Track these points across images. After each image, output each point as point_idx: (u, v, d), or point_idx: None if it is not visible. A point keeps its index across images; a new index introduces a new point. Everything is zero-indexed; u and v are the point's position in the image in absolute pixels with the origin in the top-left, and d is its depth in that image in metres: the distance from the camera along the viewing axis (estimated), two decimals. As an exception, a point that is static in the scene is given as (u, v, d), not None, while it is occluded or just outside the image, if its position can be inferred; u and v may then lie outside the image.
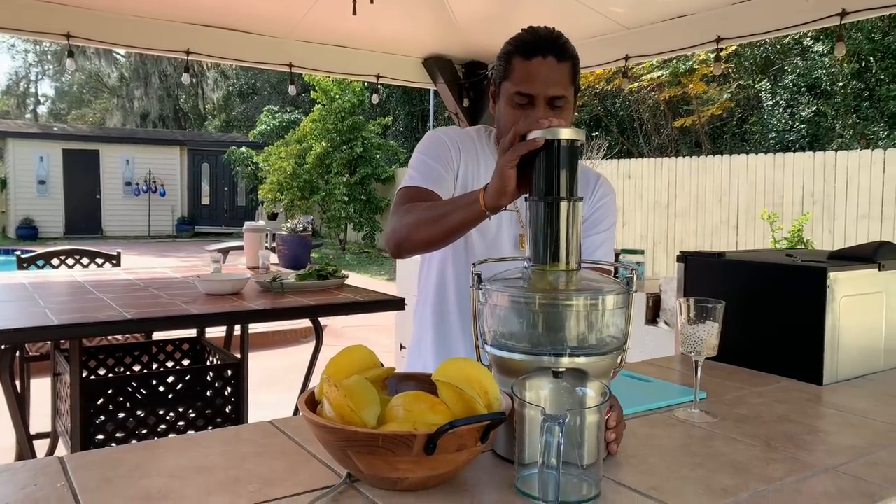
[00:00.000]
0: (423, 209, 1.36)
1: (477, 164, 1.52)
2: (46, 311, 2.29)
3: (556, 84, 1.39)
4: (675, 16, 3.35)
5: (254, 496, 0.85)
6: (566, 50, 1.40)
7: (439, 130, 1.57)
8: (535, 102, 1.39)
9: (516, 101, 1.40)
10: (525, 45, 1.40)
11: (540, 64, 1.38)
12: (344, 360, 0.98)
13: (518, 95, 1.40)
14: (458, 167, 1.51)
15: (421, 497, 0.85)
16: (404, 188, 1.48)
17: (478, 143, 1.55)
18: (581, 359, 0.93)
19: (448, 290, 1.57)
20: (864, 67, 10.87)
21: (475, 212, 1.18)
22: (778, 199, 7.59)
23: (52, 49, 30.04)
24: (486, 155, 1.54)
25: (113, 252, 4.07)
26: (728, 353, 1.49)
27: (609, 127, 14.09)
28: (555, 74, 1.38)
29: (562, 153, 1.00)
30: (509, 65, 1.42)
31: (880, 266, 1.50)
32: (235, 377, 2.88)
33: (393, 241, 1.40)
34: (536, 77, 1.38)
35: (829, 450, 1.06)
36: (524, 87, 1.39)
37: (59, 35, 3.39)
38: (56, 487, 0.87)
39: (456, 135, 1.55)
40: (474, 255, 1.52)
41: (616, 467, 0.97)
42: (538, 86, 1.38)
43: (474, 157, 1.53)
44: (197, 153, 21.01)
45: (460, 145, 1.52)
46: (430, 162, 1.49)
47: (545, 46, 1.38)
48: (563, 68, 1.39)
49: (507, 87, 1.42)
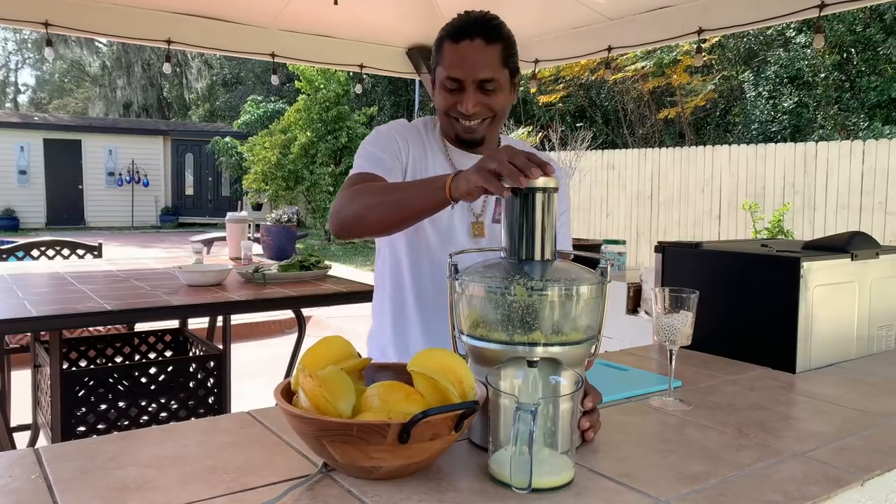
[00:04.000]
0: (381, 189, 1.33)
1: (424, 156, 1.51)
2: (25, 302, 2.27)
3: (485, 67, 1.38)
4: (657, 7, 3.37)
5: (230, 486, 0.86)
6: (496, 32, 1.39)
7: (386, 125, 1.56)
8: (465, 86, 1.39)
9: (447, 87, 1.40)
10: (455, 29, 1.39)
11: (468, 47, 1.37)
12: (321, 350, 0.99)
13: (448, 80, 1.40)
14: (406, 160, 1.50)
15: (396, 485, 0.86)
16: (354, 174, 1.46)
17: (424, 136, 1.54)
18: (555, 348, 0.94)
19: (404, 280, 1.55)
20: (845, 59, 10.97)
21: (439, 199, 1.16)
22: (760, 190, 7.66)
23: (31, 37, 29.61)
24: (433, 146, 1.54)
25: (94, 243, 4.04)
26: (704, 342, 1.51)
27: (593, 118, 14.12)
28: (483, 57, 1.37)
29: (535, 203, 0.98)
30: (440, 50, 1.41)
31: (853, 256, 1.53)
32: (218, 368, 2.87)
33: (342, 221, 1.35)
34: (464, 61, 1.37)
35: (798, 436, 1.08)
36: (452, 71, 1.38)
37: (37, 23, 3.35)
38: (31, 479, 0.87)
39: (403, 128, 1.54)
40: (427, 244, 1.51)
41: (590, 454, 0.98)
42: (466, 69, 1.38)
43: (421, 150, 1.52)
44: (181, 143, 20.83)
45: (408, 139, 1.51)
46: (378, 153, 1.48)
47: (474, 29, 1.37)
48: (493, 51, 1.38)
49: (439, 72, 1.43)
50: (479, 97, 1.40)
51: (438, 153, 1.53)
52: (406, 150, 1.50)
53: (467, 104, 1.40)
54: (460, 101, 1.41)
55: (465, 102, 1.40)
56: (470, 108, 1.40)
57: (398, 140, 1.50)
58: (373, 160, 1.46)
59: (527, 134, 8.70)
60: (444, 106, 1.44)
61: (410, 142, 1.51)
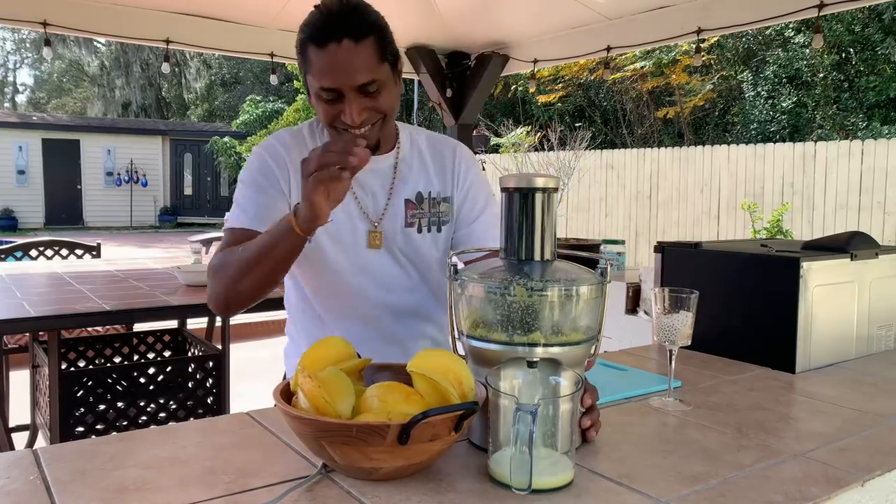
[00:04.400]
0: (236, 258, 1.24)
1: None
2: (24, 302, 2.27)
3: (361, 69, 1.21)
4: (657, 7, 3.37)
5: (229, 487, 0.85)
6: (364, 25, 1.23)
7: (262, 147, 1.40)
8: (344, 94, 1.23)
9: (324, 98, 1.25)
10: (316, 30, 1.22)
11: (336, 51, 1.20)
12: (320, 351, 0.99)
13: (323, 91, 1.24)
14: (289, 185, 1.36)
15: (396, 486, 0.86)
16: (228, 230, 1.35)
17: (310, 143, 1.40)
18: (555, 349, 0.94)
19: (313, 305, 1.46)
20: (843, 59, 10.98)
21: (294, 241, 1.12)
22: (759, 190, 7.66)
23: (30, 37, 29.58)
24: None
25: (93, 243, 4.03)
26: (704, 342, 1.51)
27: (592, 117, 14.13)
28: (356, 59, 1.21)
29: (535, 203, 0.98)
30: (305, 56, 1.24)
31: (852, 256, 1.53)
32: (217, 368, 2.87)
33: (217, 305, 1.28)
34: (335, 68, 1.21)
35: (798, 436, 1.07)
36: (325, 80, 1.22)
37: (35, 23, 3.35)
38: (28, 480, 0.86)
39: (281, 146, 1.39)
40: (326, 262, 1.40)
41: (590, 455, 0.98)
42: (340, 77, 1.21)
43: None
44: (179, 143, 20.83)
45: (287, 157, 1.37)
46: (252, 195, 1.35)
47: (339, 28, 1.20)
48: (366, 48, 1.22)
49: (310, 81, 1.26)
50: (363, 102, 1.25)
51: None
52: (286, 172, 1.36)
53: (352, 114, 1.24)
54: (343, 112, 1.24)
55: (348, 113, 1.24)
56: (355, 117, 1.24)
57: (275, 166, 1.36)
58: (248, 206, 1.35)
59: (525, 134, 8.70)
60: (327, 118, 1.28)
61: (290, 161, 1.36)
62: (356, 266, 1.42)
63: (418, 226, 1.44)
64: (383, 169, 1.42)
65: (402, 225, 1.43)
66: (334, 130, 1.29)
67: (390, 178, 1.43)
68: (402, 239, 1.43)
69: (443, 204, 1.48)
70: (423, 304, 1.50)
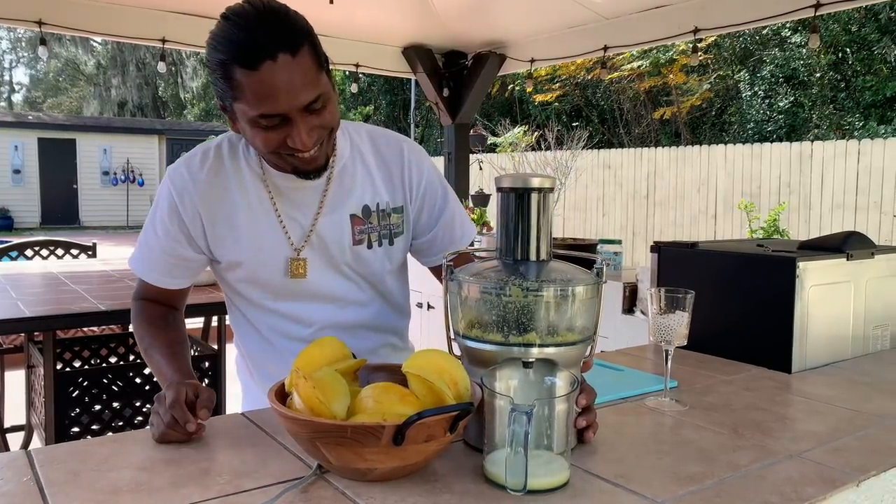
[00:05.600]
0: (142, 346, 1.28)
1: (230, 204, 1.25)
2: (19, 302, 2.26)
3: (306, 86, 1.06)
4: (654, 6, 3.37)
5: (223, 488, 0.85)
6: (295, 32, 1.06)
7: (170, 179, 1.25)
8: (290, 118, 1.08)
9: (263, 125, 1.08)
10: (242, 49, 1.03)
11: (273, 71, 1.03)
12: (315, 351, 0.99)
13: (264, 118, 1.07)
14: (200, 223, 1.25)
15: (391, 487, 0.86)
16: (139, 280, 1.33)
17: (230, 169, 1.26)
18: (551, 349, 0.94)
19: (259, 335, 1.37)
20: (840, 59, 11.00)
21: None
22: (755, 189, 7.67)
23: (26, 36, 29.46)
24: (244, 179, 1.26)
25: (88, 243, 4.02)
26: (700, 342, 1.51)
27: (589, 117, 14.14)
28: (297, 75, 1.05)
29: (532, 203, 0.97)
30: (230, 80, 1.05)
31: (848, 256, 1.53)
32: (213, 368, 2.86)
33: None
34: (276, 90, 1.04)
35: (794, 437, 1.07)
36: (266, 107, 1.06)
37: (30, 22, 3.34)
38: (22, 481, 0.86)
39: (189, 178, 1.24)
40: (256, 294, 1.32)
41: (585, 455, 0.98)
42: (284, 100, 1.05)
43: (224, 197, 1.25)
44: (176, 142, 20.80)
45: (197, 197, 1.24)
46: (158, 244, 1.27)
47: (269, 43, 1.03)
48: (303, 60, 1.06)
49: (242, 109, 1.08)
50: (310, 121, 1.10)
51: (251, 175, 1.26)
52: (194, 209, 1.24)
53: (301, 138, 1.09)
54: (289, 136, 1.09)
55: (296, 137, 1.09)
56: (306, 140, 1.10)
57: (179, 204, 1.24)
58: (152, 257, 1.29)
59: (523, 133, 8.69)
60: (269, 146, 1.11)
61: (200, 193, 1.24)
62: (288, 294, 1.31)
63: (367, 241, 1.30)
64: (317, 185, 1.26)
65: (350, 243, 1.29)
66: (277, 157, 1.15)
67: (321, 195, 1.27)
68: (350, 257, 1.30)
69: (393, 216, 1.33)
70: (378, 317, 1.40)
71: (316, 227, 1.27)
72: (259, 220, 1.26)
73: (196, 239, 1.27)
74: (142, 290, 1.35)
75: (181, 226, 1.26)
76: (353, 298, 1.36)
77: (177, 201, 1.24)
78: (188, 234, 1.26)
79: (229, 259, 1.29)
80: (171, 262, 1.29)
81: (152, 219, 1.29)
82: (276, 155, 1.15)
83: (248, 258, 1.27)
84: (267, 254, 1.27)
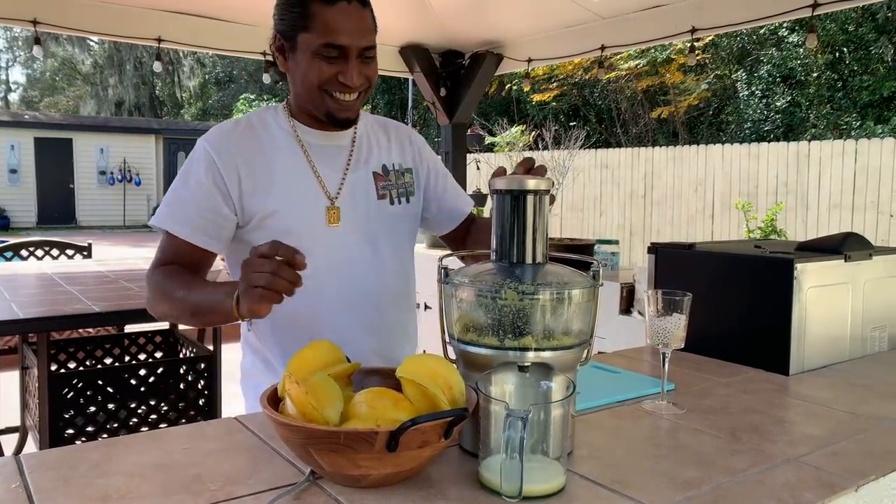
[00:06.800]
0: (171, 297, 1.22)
1: (265, 157, 1.32)
2: (12, 304, 2.24)
3: (368, 32, 1.25)
4: (651, 6, 3.36)
5: (215, 494, 0.84)
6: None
7: (207, 140, 1.31)
8: (348, 55, 1.23)
9: (325, 55, 1.23)
10: None
11: (346, 10, 1.22)
12: (308, 355, 0.98)
13: (327, 48, 1.22)
14: (236, 175, 1.28)
15: (384, 493, 0.85)
16: (166, 237, 1.29)
17: (262, 131, 1.34)
18: (546, 353, 0.93)
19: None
20: (837, 58, 11.01)
21: (231, 320, 1.10)
22: (753, 189, 7.67)
23: (22, 35, 29.38)
24: (276, 139, 1.34)
25: (84, 243, 4.01)
26: (697, 344, 1.50)
27: (587, 116, 14.14)
28: (364, 22, 1.25)
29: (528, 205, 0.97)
30: (307, 11, 1.22)
31: (846, 257, 1.52)
32: (209, 370, 2.85)
33: (159, 319, 1.32)
34: (345, 26, 1.22)
35: (792, 440, 1.07)
36: (334, 37, 1.21)
37: (25, 21, 3.32)
38: (10, 488, 0.85)
39: (224, 140, 1.31)
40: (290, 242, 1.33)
41: (582, 460, 0.97)
42: (349, 36, 1.22)
43: (259, 152, 1.31)
44: (173, 142, 20.76)
45: (235, 149, 1.30)
46: (192, 198, 1.28)
47: None
48: (368, 14, 1.27)
49: (307, 39, 1.24)
50: (361, 67, 1.27)
51: (286, 144, 1.34)
52: (231, 167, 1.28)
53: (352, 75, 1.25)
54: (342, 72, 1.24)
55: (348, 73, 1.24)
56: (355, 79, 1.25)
57: (218, 161, 1.28)
58: (185, 211, 1.28)
59: (520, 133, 8.69)
60: (322, 79, 1.24)
61: (239, 151, 1.30)
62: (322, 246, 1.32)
63: (389, 197, 1.43)
64: (345, 145, 1.40)
65: (375, 198, 1.40)
66: (321, 94, 1.27)
67: (347, 153, 1.40)
68: (376, 211, 1.39)
69: (406, 174, 1.47)
70: (395, 291, 1.43)
71: (346, 181, 1.37)
72: (294, 171, 1.33)
73: (231, 193, 1.29)
74: (164, 256, 1.30)
75: (216, 181, 1.28)
76: (376, 264, 1.39)
77: (214, 157, 1.29)
78: (224, 190, 1.28)
79: (264, 210, 1.29)
80: (202, 216, 1.28)
81: (185, 178, 1.30)
82: (322, 92, 1.27)
83: (284, 206, 1.31)
84: (303, 202, 1.32)
